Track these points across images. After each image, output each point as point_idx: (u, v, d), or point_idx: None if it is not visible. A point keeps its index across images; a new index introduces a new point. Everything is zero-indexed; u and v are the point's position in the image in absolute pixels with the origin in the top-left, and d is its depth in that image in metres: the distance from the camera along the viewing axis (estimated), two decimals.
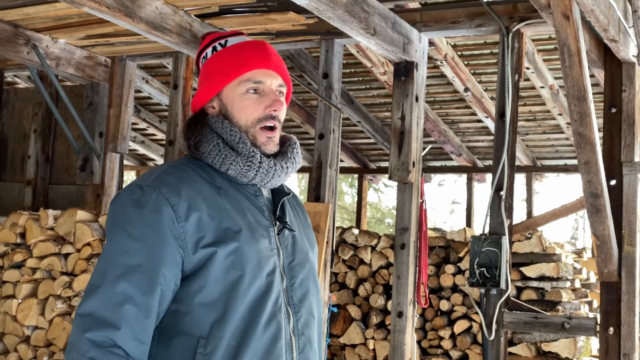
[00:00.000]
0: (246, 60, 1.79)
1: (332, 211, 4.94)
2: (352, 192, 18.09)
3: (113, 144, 6.08)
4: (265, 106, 1.78)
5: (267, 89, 1.80)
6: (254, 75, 1.79)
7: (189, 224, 1.66)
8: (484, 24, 4.65)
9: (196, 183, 1.72)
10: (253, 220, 1.75)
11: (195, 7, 4.62)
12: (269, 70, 1.80)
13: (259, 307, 1.69)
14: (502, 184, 4.44)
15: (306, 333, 1.79)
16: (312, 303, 1.84)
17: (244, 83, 1.79)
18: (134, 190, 1.69)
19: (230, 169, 1.75)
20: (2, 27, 5.25)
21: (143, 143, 9.84)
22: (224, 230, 1.68)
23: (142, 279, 1.61)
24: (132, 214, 1.66)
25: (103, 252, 1.67)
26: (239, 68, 1.78)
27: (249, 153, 1.75)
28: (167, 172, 1.74)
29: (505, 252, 4.31)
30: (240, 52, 1.81)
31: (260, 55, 1.80)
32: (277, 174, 1.79)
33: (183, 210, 1.66)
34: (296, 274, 1.80)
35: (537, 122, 7.66)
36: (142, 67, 7.25)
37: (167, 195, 1.66)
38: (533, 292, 6.16)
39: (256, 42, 1.84)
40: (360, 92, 7.50)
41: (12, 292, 5.41)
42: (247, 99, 1.79)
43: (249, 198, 1.78)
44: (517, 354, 6.07)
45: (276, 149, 1.82)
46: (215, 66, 1.82)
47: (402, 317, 4.64)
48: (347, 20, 3.85)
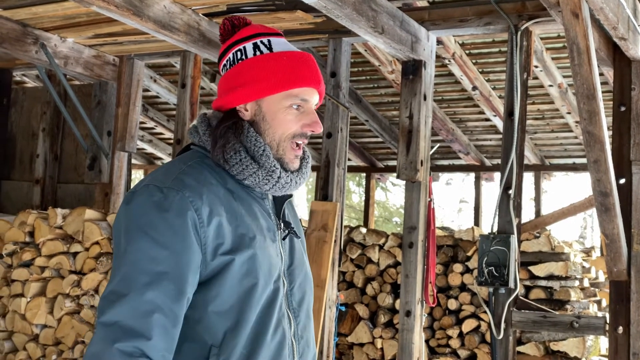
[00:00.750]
0: (299, 76, 1.74)
1: (340, 210, 4.94)
2: (359, 191, 18.08)
3: (121, 143, 6.09)
4: (304, 124, 1.76)
5: (309, 107, 1.77)
6: (302, 92, 1.75)
7: (211, 229, 1.61)
8: (492, 22, 4.64)
9: (214, 186, 1.68)
10: (264, 225, 1.73)
11: (203, 5, 4.63)
12: (314, 90, 1.78)
13: (268, 314, 1.67)
14: (510, 182, 4.43)
15: (305, 336, 1.78)
16: (309, 305, 1.83)
17: (291, 98, 1.74)
18: (154, 192, 1.62)
19: (247, 180, 1.71)
20: (10, 26, 5.26)
21: (151, 142, 9.85)
22: (240, 236, 1.65)
23: (170, 287, 1.56)
24: (155, 218, 1.59)
25: (124, 257, 1.59)
26: (291, 82, 1.73)
27: (270, 167, 1.71)
28: (186, 172, 1.67)
29: (513, 251, 4.30)
30: (293, 64, 1.75)
31: (313, 73, 1.77)
32: (291, 187, 1.77)
33: (205, 214, 1.61)
34: (295, 278, 1.79)
35: (545, 121, 7.63)
36: (150, 66, 7.26)
37: (190, 198, 1.61)
38: (541, 291, 6.14)
39: (307, 57, 1.79)
40: (368, 91, 7.49)
41: (21, 291, 5.43)
42: (290, 113, 1.74)
43: (258, 202, 1.76)
44: (526, 353, 6.05)
45: (297, 166, 1.79)
46: (262, 71, 1.74)
47: (410, 316, 4.63)
48: (355, 19, 3.85)
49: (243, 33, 1.80)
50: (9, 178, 7.03)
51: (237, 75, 1.76)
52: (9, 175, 7.04)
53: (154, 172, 1.73)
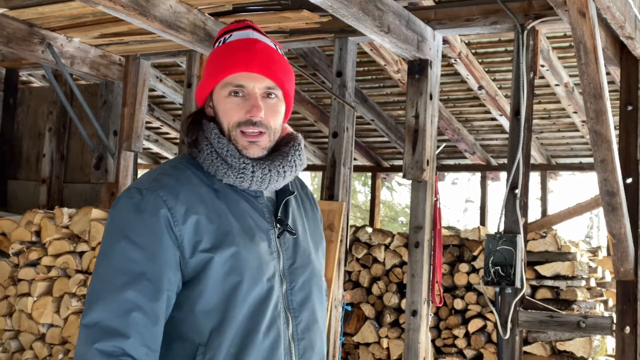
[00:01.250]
0: (230, 63, 1.72)
1: (346, 209, 4.94)
2: (365, 191, 18.08)
3: (127, 142, 6.10)
4: (246, 111, 1.72)
5: (251, 92, 1.73)
6: (235, 79, 1.72)
7: (186, 228, 1.62)
8: (498, 22, 4.63)
9: (195, 185, 1.68)
10: (252, 224, 1.71)
11: (209, 5, 4.63)
12: (252, 73, 1.72)
13: (259, 313, 1.65)
14: (517, 182, 4.42)
15: (307, 337, 1.75)
16: (315, 306, 1.79)
17: (226, 86, 1.73)
18: (133, 194, 1.65)
19: (224, 179, 1.70)
20: (17, 26, 5.27)
21: (157, 142, 9.86)
22: (222, 234, 1.64)
23: (149, 286, 1.57)
24: (132, 219, 1.62)
25: (103, 260, 1.62)
26: (223, 70, 1.73)
27: (239, 165, 1.69)
28: (166, 173, 1.69)
29: (520, 250, 4.29)
30: (227, 52, 1.74)
31: (244, 57, 1.72)
32: (273, 179, 1.73)
33: (180, 213, 1.62)
34: (296, 277, 1.76)
35: (551, 120, 7.61)
36: (156, 65, 7.27)
37: (164, 197, 1.62)
38: (548, 291, 6.13)
39: (244, 42, 1.76)
40: (373, 91, 7.49)
41: (27, 290, 5.44)
42: (229, 102, 1.72)
43: (248, 200, 1.73)
44: (532, 353, 6.04)
45: (262, 153, 1.74)
46: (208, 65, 1.78)
47: (417, 316, 4.63)
48: (361, 18, 3.84)
49: (220, 32, 1.84)
50: (16, 178, 7.05)
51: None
52: (15, 174, 7.06)
53: (141, 175, 1.76)
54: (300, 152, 1.79)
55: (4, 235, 5.78)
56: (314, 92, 7.61)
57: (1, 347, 5.49)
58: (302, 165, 1.80)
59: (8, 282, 5.57)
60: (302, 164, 1.80)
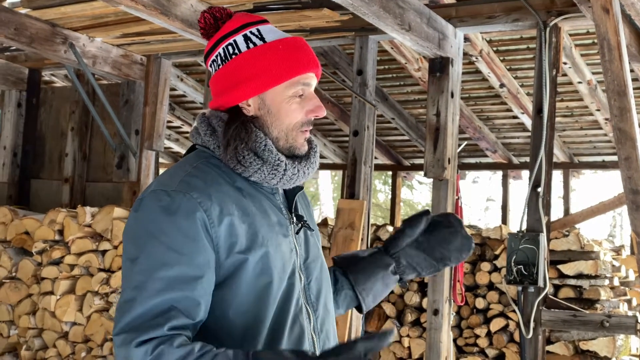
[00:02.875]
0: (298, 63, 1.69)
1: (367, 208, 4.93)
2: (385, 190, 18.05)
3: (149, 141, 6.13)
4: (308, 111, 1.70)
5: (309, 92, 1.72)
6: (303, 79, 1.70)
7: (222, 229, 1.58)
8: (520, 19, 4.60)
9: (221, 185, 1.64)
10: (275, 221, 1.69)
11: (229, 4, 4.64)
12: (313, 73, 1.73)
13: (285, 310, 1.64)
14: (539, 180, 4.39)
15: (324, 330, 1.75)
16: (327, 298, 1.79)
17: (294, 85, 1.69)
18: (161, 196, 1.58)
19: (254, 176, 1.67)
20: (40, 26, 5.32)
21: (177, 141, 9.91)
22: (252, 234, 1.61)
23: (185, 291, 1.52)
24: (163, 222, 1.55)
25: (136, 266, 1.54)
26: (292, 70, 1.68)
27: (274, 161, 1.67)
28: (192, 174, 1.63)
29: (543, 249, 4.26)
30: (289, 51, 1.70)
31: (310, 57, 1.72)
32: (298, 179, 1.73)
33: (216, 214, 1.57)
34: (311, 271, 1.75)
35: (574, 118, 7.55)
36: (176, 65, 7.29)
37: (198, 199, 1.57)
38: (571, 290, 6.07)
39: (300, 41, 1.74)
40: (394, 89, 7.47)
41: (50, 289, 5.48)
42: (294, 102, 1.69)
43: (268, 197, 1.72)
44: (555, 352, 5.99)
45: (306, 148, 1.74)
46: (261, 63, 1.68)
47: (438, 315, 4.61)
48: (382, 16, 3.83)
49: (229, 26, 1.74)
50: (39, 177, 7.11)
51: (234, 72, 1.71)
52: (38, 174, 7.12)
53: (159, 176, 1.69)
54: (317, 153, 1.80)
55: (27, 234, 5.83)
56: (334, 90, 7.60)
57: (25, 345, 5.54)
58: (318, 165, 1.82)
59: (31, 281, 5.62)
60: (318, 164, 1.82)
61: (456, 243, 1.96)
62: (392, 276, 1.95)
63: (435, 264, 1.96)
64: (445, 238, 1.96)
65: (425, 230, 1.96)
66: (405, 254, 1.95)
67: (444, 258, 1.96)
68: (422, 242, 1.96)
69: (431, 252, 1.95)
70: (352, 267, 1.96)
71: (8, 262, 5.73)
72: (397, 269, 1.95)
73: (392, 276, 1.95)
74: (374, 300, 1.97)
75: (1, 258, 5.77)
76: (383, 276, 1.94)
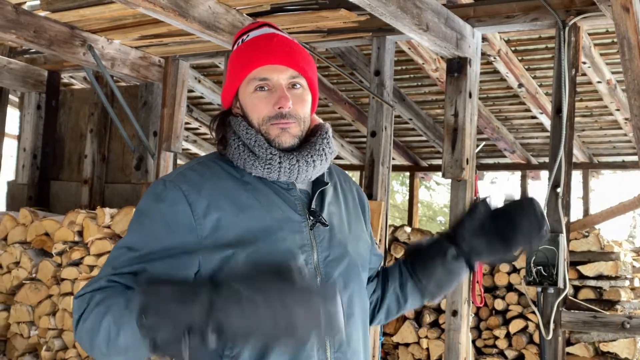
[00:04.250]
0: (250, 58, 1.73)
1: (385, 209, 4.92)
2: (403, 190, 18.00)
3: (167, 143, 6.15)
4: (274, 104, 1.72)
5: (276, 84, 1.72)
6: (259, 73, 1.72)
7: (207, 223, 1.62)
8: (539, 18, 4.57)
9: (221, 180, 1.69)
10: (281, 216, 1.69)
11: (247, 5, 4.65)
12: (275, 65, 1.72)
13: None
14: (559, 181, 4.36)
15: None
16: (353, 298, 1.75)
17: (251, 82, 1.73)
18: (159, 184, 1.69)
19: (252, 171, 1.70)
20: (59, 28, 5.35)
21: (195, 142, 9.94)
22: (245, 229, 1.64)
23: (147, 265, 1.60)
24: (151, 207, 1.67)
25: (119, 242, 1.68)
26: (245, 67, 1.73)
27: (266, 156, 1.68)
28: (192, 168, 1.72)
29: (562, 250, 4.23)
30: (247, 49, 1.75)
31: (264, 51, 1.73)
32: (302, 169, 1.71)
33: (202, 208, 1.63)
34: (332, 269, 1.72)
35: (593, 118, 7.50)
36: (194, 66, 7.32)
37: (186, 192, 1.64)
38: (591, 291, 6.03)
39: (263, 37, 1.77)
40: (411, 90, 7.45)
41: (70, 290, 5.52)
42: (256, 97, 1.73)
43: (279, 193, 1.72)
44: (575, 354, 5.95)
45: (293, 142, 1.73)
46: (231, 65, 1.78)
47: (457, 316, 4.59)
48: (400, 16, 3.82)
49: (235, 36, 1.84)
50: (58, 178, 7.16)
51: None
52: (58, 175, 7.17)
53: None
54: (328, 140, 1.78)
55: (47, 236, 5.87)
56: (351, 91, 7.59)
57: (45, 346, 5.58)
58: (333, 153, 1.79)
59: (51, 282, 5.66)
60: (332, 152, 1.78)
61: (525, 226, 1.81)
62: (454, 262, 1.87)
63: (500, 252, 1.85)
64: (514, 221, 1.82)
65: (496, 213, 1.85)
66: (466, 238, 1.86)
67: (510, 242, 1.83)
68: (488, 225, 1.84)
69: (496, 235, 1.84)
70: (412, 257, 1.94)
71: (28, 264, 5.78)
72: (460, 254, 1.87)
73: (454, 262, 1.87)
74: (439, 287, 1.92)
75: (21, 259, 5.82)
76: (443, 262, 1.88)
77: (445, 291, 1.95)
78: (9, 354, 5.83)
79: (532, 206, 1.82)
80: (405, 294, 1.95)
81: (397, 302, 1.97)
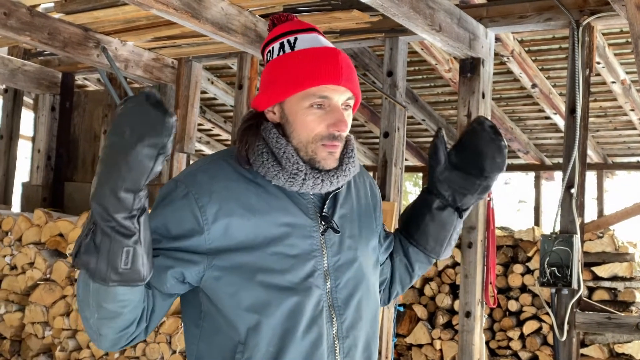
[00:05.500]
0: (314, 73, 1.64)
1: (398, 210, 4.91)
2: (416, 191, 17.97)
3: (180, 144, 6.17)
4: (329, 124, 1.65)
5: (334, 105, 1.67)
6: (320, 90, 1.65)
7: (217, 227, 1.61)
8: (552, 18, 4.55)
9: (232, 181, 1.66)
10: (292, 220, 1.67)
11: (259, 7, 4.66)
12: (338, 86, 1.66)
13: (298, 312, 1.62)
14: (572, 181, 4.34)
15: (352, 335, 1.70)
16: (361, 302, 1.74)
17: (309, 97, 1.65)
18: (170, 185, 1.68)
19: (273, 181, 1.66)
20: (73, 30, 5.38)
21: (208, 143, 9.96)
22: (254, 233, 1.62)
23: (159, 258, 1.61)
24: (160, 206, 1.66)
25: None
26: (307, 81, 1.64)
27: (291, 169, 1.65)
28: (202, 169, 1.68)
29: (576, 251, 4.21)
30: (310, 62, 1.66)
31: (331, 69, 1.65)
32: (325, 186, 1.69)
33: (212, 212, 1.61)
34: (342, 274, 1.71)
35: (608, 118, 7.46)
36: (207, 68, 7.34)
37: (195, 195, 1.62)
38: (605, 292, 6.00)
39: (328, 52, 1.69)
40: (424, 90, 7.44)
41: None
42: (311, 114, 1.66)
43: (291, 196, 1.69)
44: (589, 355, 5.92)
45: (336, 164, 1.70)
46: (282, 72, 1.68)
47: (470, 317, 4.58)
48: (412, 17, 3.82)
49: (276, 31, 1.75)
50: (72, 180, 7.19)
51: (263, 78, 1.74)
52: (72, 176, 7.21)
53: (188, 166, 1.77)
54: (353, 158, 1.74)
55: (61, 236, 5.90)
56: (364, 92, 7.58)
57: (59, 346, 5.61)
58: (355, 171, 1.76)
59: (65, 282, 5.69)
60: (355, 169, 1.76)
61: (489, 150, 1.80)
62: (441, 212, 1.86)
63: (476, 181, 1.82)
64: (477, 148, 1.80)
65: (459, 145, 1.84)
66: (443, 182, 1.84)
67: (482, 170, 1.80)
68: (457, 162, 1.83)
69: (468, 169, 1.82)
70: (405, 222, 1.94)
71: (42, 264, 5.81)
72: (446, 202, 1.86)
73: (441, 212, 1.86)
74: (437, 242, 1.90)
75: (36, 260, 5.85)
76: (431, 216, 1.87)
77: (446, 244, 1.92)
78: (23, 354, 5.86)
79: (482, 126, 1.81)
80: (411, 260, 1.95)
81: (407, 270, 1.97)
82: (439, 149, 1.84)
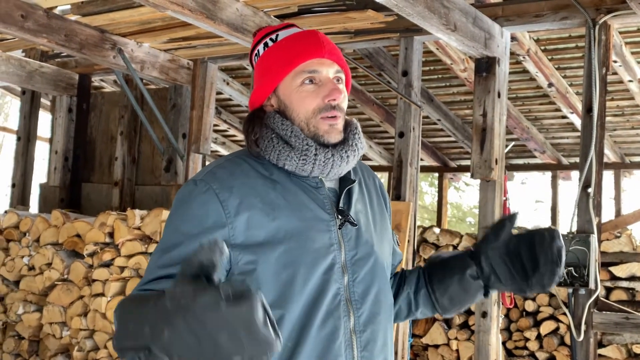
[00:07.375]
0: (298, 52, 1.72)
1: (413, 210, 4.90)
2: (432, 192, 17.92)
3: (196, 145, 6.19)
4: (324, 96, 1.71)
5: (324, 78, 1.73)
6: (308, 66, 1.72)
7: (239, 221, 1.62)
8: (568, 17, 4.52)
9: (250, 178, 1.68)
10: (311, 215, 1.69)
11: (274, 7, 4.67)
12: (324, 59, 1.73)
13: (315, 306, 1.63)
14: (590, 181, 4.31)
15: (369, 329, 1.71)
16: (379, 296, 1.75)
17: (299, 75, 1.72)
18: (189, 184, 1.69)
19: (286, 164, 1.69)
20: (89, 32, 5.42)
21: (224, 144, 9.99)
22: (276, 228, 1.63)
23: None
24: (182, 207, 1.67)
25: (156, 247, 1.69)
26: (292, 61, 1.72)
27: (302, 146, 1.68)
28: (222, 166, 1.71)
29: (594, 251, 4.18)
30: (292, 44, 1.75)
31: (313, 45, 1.73)
32: (336, 164, 1.71)
33: (233, 206, 1.62)
34: (359, 268, 1.72)
35: (625, 117, 7.41)
36: (222, 69, 7.36)
37: (217, 190, 1.64)
38: (623, 292, 5.96)
39: (307, 32, 1.78)
40: (439, 90, 7.42)
41: (101, 291, 5.57)
42: (304, 90, 1.72)
43: (308, 191, 1.72)
44: (607, 356, 5.88)
45: (340, 137, 1.73)
46: (269, 62, 1.76)
47: (487, 318, 4.56)
48: (427, 17, 3.81)
49: (258, 36, 1.84)
50: (89, 181, 7.23)
51: (255, 76, 1.81)
52: (89, 178, 7.25)
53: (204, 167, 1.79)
54: (359, 135, 1.78)
55: (78, 237, 5.93)
56: (379, 92, 7.58)
57: (77, 346, 5.64)
58: (363, 149, 1.79)
59: (83, 283, 5.72)
60: (363, 148, 1.79)
61: (545, 270, 1.74)
62: (472, 281, 1.84)
63: (516, 279, 1.78)
64: (536, 258, 1.74)
65: (522, 239, 1.78)
66: (489, 259, 1.82)
67: (526, 278, 1.76)
68: (512, 252, 1.79)
69: (515, 265, 1.78)
70: (432, 267, 1.93)
71: (60, 265, 5.84)
72: (479, 275, 1.83)
73: (472, 281, 1.84)
74: (452, 303, 1.88)
75: (53, 260, 5.89)
76: (460, 279, 1.85)
77: (457, 308, 1.91)
78: (41, 354, 5.90)
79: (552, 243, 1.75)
80: (418, 302, 1.94)
81: (409, 307, 1.96)
82: (506, 228, 1.82)
